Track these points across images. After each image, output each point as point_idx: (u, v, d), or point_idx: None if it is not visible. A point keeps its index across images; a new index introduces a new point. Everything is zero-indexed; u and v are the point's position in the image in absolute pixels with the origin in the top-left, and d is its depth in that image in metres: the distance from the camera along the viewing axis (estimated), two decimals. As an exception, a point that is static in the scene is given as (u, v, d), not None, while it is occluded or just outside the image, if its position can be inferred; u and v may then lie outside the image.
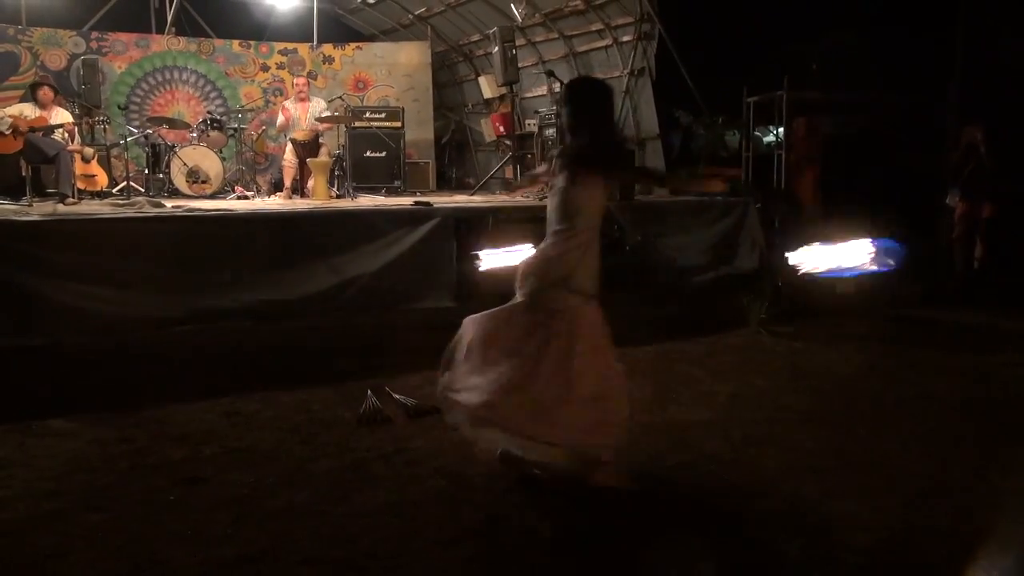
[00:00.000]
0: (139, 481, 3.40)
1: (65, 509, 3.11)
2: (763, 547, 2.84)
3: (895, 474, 3.45)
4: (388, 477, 3.45)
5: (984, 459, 3.59)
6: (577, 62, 10.01)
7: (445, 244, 6.18)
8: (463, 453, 3.67)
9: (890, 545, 2.83)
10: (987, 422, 4.12)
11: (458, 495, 3.24)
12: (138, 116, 9.96)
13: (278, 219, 6.04)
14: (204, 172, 8.49)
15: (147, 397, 4.44)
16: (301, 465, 3.57)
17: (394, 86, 11.36)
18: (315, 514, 3.07)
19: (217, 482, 3.38)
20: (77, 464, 3.58)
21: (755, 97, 8.32)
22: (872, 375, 5.05)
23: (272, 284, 5.54)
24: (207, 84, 10.70)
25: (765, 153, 9.08)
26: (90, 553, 2.76)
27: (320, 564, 2.68)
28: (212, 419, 4.21)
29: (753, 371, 5.09)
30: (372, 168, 9.39)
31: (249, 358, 5.19)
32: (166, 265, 5.28)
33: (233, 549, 2.78)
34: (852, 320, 6.54)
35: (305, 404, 4.45)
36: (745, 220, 7.51)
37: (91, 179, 8.01)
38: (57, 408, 4.21)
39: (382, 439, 3.90)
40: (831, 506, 3.13)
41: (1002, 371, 5.09)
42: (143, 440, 3.89)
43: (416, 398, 4.42)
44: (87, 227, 5.30)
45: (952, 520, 2.99)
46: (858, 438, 3.88)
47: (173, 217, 5.85)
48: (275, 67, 11.03)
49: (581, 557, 2.73)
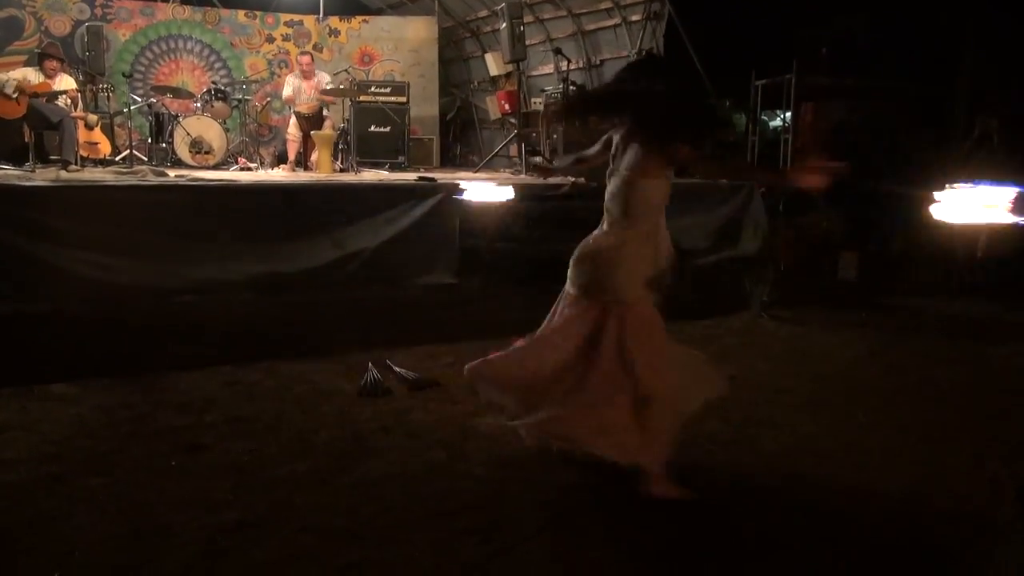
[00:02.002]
0: (140, 447, 3.41)
1: (66, 473, 3.12)
2: (759, 526, 2.86)
3: (894, 459, 3.46)
4: (388, 448, 3.46)
5: (981, 446, 3.60)
6: (585, 41, 9.94)
7: (449, 220, 6.17)
8: (463, 427, 3.69)
9: (887, 527, 2.84)
10: (986, 409, 4.13)
11: (458, 467, 3.25)
12: (142, 85, 9.90)
13: (281, 191, 6.03)
14: (207, 143, 8.46)
15: (148, 365, 4.45)
16: (302, 435, 3.58)
17: (400, 61, 11.29)
18: (315, 483, 3.09)
19: (218, 449, 3.40)
20: (79, 429, 3.59)
21: (763, 80, 8.27)
22: (872, 361, 5.06)
23: (274, 256, 5.53)
24: (212, 54, 10.62)
25: (771, 138, 9.05)
26: (91, 516, 2.78)
27: (320, 532, 2.70)
28: (213, 388, 4.22)
29: (754, 354, 5.10)
30: (376, 143, 9.34)
31: (250, 329, 5.18)
32: (168, 235, 5.26)
33: (233, 515, 2.80)
34: (852, 306, 6.53)
35: (306, 375, 4.46)
36: (749, 204, 7.49)
37: (94, 147, 7.98)
38: (59, 373, 4.21)
39: (382, 411, 3.90)
40: (829, 488, 3.15)
41: (1002, 360, 5.10)
42: (145, 407, 3.90)
43: (417, 372, 4.42)
44: (90, 194, 5.29)
45: (950, 504, 3.00)
46: (857, 423, 3.89)
47: (176, 186, 5.83)
48: (280, 39, 10.94)
49: (577, 532, 2.74)
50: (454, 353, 4.85)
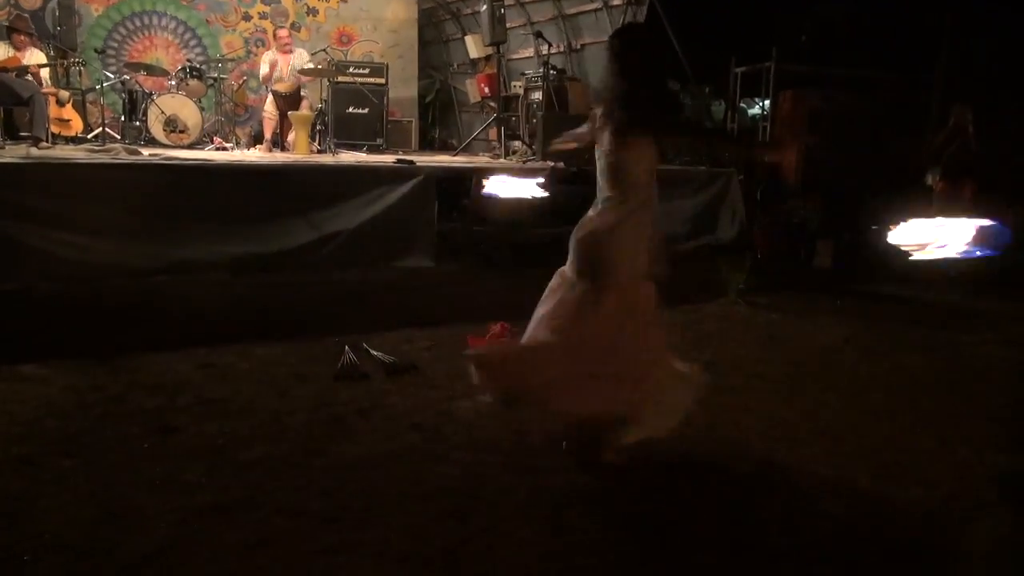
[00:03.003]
0: (112, 429, 3.36)
1: (36, 454, 3.07)
2: (734, 510, 2.88)
3: (865, 443, 3.50)
4: (365, 431, 3.44)
5: (952, 431, 3.66)
6: (566, 25, 9.90)
7: (426, 204, 6.14)
8: (440, 410, 3.68)
9: (858, 511, 2.88)
10: (956, 396, 4.19)
11: (435, 450, 3.24)
12: (115, 61, 9.72)
13: (257, 172, 5.96)
14: (182, 121, 8.33)
15: (121, 346, 4.37)
16: (277, 417, 3.55)
17: (379, 42, 11.18)
18: (290, 466, 3.06)
19: (192, 432, 3.36)
20: (49, 410, 3.53)
21: (743, 68, 8.29)
22: (846, 347, 5.11)
23: (250, 237, 5.48)
24: (187, 31, 10.45)
25: (750, 126, 9.08)
26: (61, 498, 2.73)
27: (294, 515, 2.67)
28: (187, 370, 4.16)
29: (730, 340, 5.13)
30: (354, 124, 9.25)
31: (226, 311, 5.14)
32: (142, 214, 5.19)
33: (206, 498, 2.77)
34: (828, 294, 6.59)
35: (282, 358, 4.41)
36: (727, 191, 7.54)
37: (66, 123, 7.83)
38: (29, 354, 4.13)
39: (359, 394, 3.88)
40: (802, 472, 3.18)
41: (973, 348, 5.17)
42: (117, 388, 3.84)
43: (394, 355, 4.40)
44: (61, 172, 5.20)
45: (919, 489, 3.05)
46: (831, 408, 3.93)
47: (150, 165, 5.75)
48: (257, 16, 10.78)
49: (553, 515, 2.75)
50: (431, 337, 4.84)
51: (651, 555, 2.55)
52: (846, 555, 2.61)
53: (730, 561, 2.55)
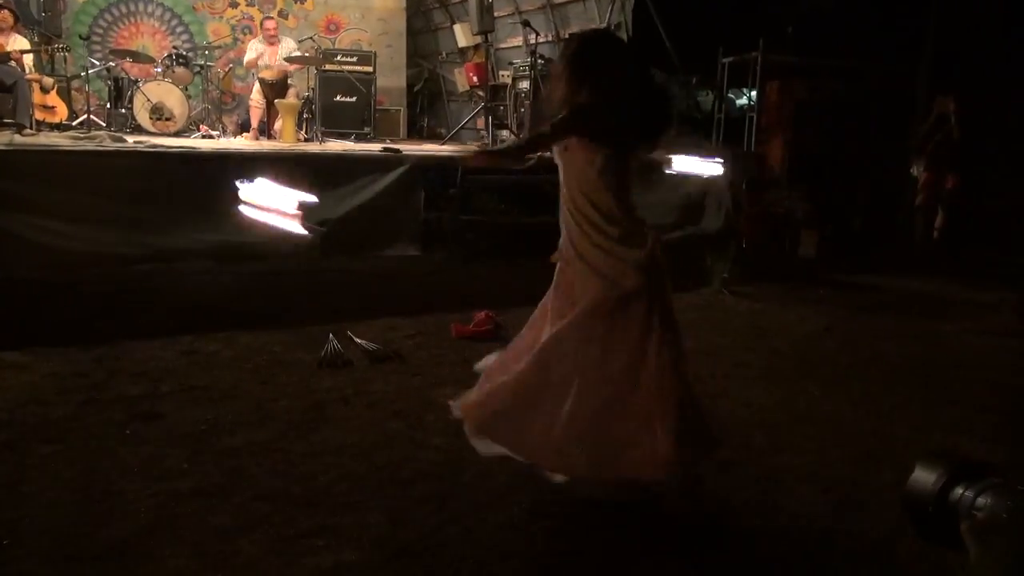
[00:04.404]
0: (94, 415, 3.37)
1: (17, 440, 3.09)
2: (710, 494, 2.93)
3: (843, 431, 3.55)
4: (347, 419, 3.46)
5: (928, 419, 3.71)
6: (554, 14, 9.87)
7: (413, 193, 6.15)
8: (422, 398, 3.70)
9: (833, 496, 2.92)
10: (934, 384, 4.24)
11: (416, 437, 3.27)
12: (100, 48, 9.63)
13: (243, 160, 5.95)
14: (168, 109, 8.28)
15: (104, 334, 4.38)
16: (260, 405, 3.57)
17: (367, 30, 11.12)
18: (272, 452, 3.08)
19: (174, 418, 3.37)
20: (31, 397, 3.54)
21: (730, 58, 8.30)
22: (828, 336, 5.16)
23: (235, 225, 5.46)
24: (173, 18, 10.37)
25: (737, 116, 9.10)
26: (42, 483, 2.75)
27: (275, 500, 2.70)
28: (171, 357, 4.18)
29: (713, 329, 5.17)
30: (342, 113, 9.22)
31: (209, 299, 5.14)
32: (126, 202, 5.18)
33: (188, 483, 2.79)
34: (811, 283, 6.65)
35: (266, 346, 4.43)
36: (713, 182, 7.55)
37: (50, 110, 7.78)
38: (10, 341, 4.13)
39: (342, 382, 3.90)
40: (779, 458, 3.22)
41: (953, 337, 5.23)
42: (99, 375, 3.85)
43: (378, 343, 4.42)
44: (45, 159, 5.18)
45: (894, 475, 3.09)
46: (809, 396, 3.98)
47: (135, 152, 5.74)
48: (244, 4, 10.69)
49: (534, 496, 2.78)
50: (416, 325, 4.86)
51: (626, 536, 2.58)
52: (819, 537, 2.66)
53: (704, 541, 2.60)
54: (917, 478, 1.02)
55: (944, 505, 0.99)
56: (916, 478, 1.02)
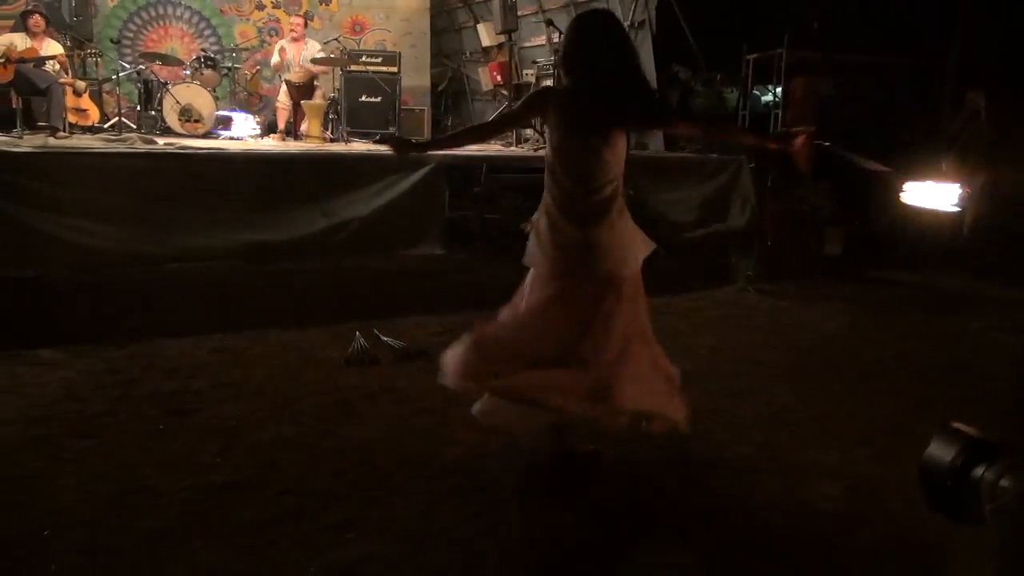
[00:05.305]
0: (128, 411, 3.46)
1: (54, 435, 3.17)
2: (734, 491, 2.94)
3: (867, 428, 3.54)
4: (374, 415, 3.52)
5: (952, 417, 3.68)
6: (577, 12, 9.87)
7: (437, 192, 6.19)
8: (447, 395, 3.74)
9: (858, 493, 2.92)
10: (958, 382, 4.21)
11: (441, 433, 3.32)
12: (130, 51, 9.81)
13: (271, 160, 6.04)
14: (197, 111, 8.41)
15: (137, 332, 4.49)
16: (288, 400, 3.64)
17: (391, 31, 11.21)
18: (301, 447, 3.15)
19: (206, 414, 3.45)
20: (67, 393, 3.64)
21: (754, 55, 8.25)
22: (852, 334, 5.14)
23: (263, 225, 5.55)
24: (201, 21, 10.53)
25: (762, 112, 9.04)
26: (77, 476, 2.83)
27: (303, 494, 2.76)
28: (202, 354, 4.27)
29: (736, 326, 5.17)
30: (367, 113, 9.29)
31: (239, 298, 5.23)
32: (157, 202, 5.27)
33: (219, 477, 2.86)
34: (837, 281, 6.61)
35: (294, 343, 4.51)
36: (738, 179, 7.53)
37: (83, 113, 7.93)
38: (47, 339, 4.25)
39: (369, 379, 3.96)
40: (803, 455, 3.23)
41: (979, 335, 5.18)
42: (133, 372, 3.95)
43: (404, 341, 4.48)
44: (78, 161, 5.28)
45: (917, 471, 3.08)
46: (833, 393, 3.97)
47: (165, 154, 5.83)
48: (271, 6, 10.83)
49: (555, 493, 2.82)
50: (441, 323, 4.91)
51: (648, 531, 2.61)
52: (843, 530, 2.67)
53: (727, 537, 2.62)
54: (934, 453, 1.05)
55: (964, 483, 1.01)
56: (933, 452, 1.05)
